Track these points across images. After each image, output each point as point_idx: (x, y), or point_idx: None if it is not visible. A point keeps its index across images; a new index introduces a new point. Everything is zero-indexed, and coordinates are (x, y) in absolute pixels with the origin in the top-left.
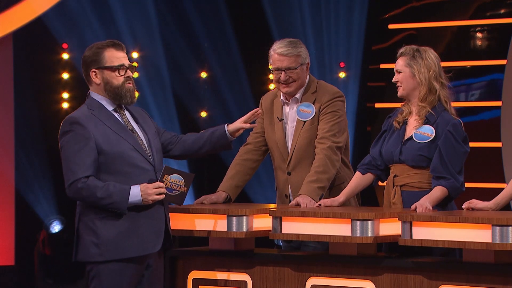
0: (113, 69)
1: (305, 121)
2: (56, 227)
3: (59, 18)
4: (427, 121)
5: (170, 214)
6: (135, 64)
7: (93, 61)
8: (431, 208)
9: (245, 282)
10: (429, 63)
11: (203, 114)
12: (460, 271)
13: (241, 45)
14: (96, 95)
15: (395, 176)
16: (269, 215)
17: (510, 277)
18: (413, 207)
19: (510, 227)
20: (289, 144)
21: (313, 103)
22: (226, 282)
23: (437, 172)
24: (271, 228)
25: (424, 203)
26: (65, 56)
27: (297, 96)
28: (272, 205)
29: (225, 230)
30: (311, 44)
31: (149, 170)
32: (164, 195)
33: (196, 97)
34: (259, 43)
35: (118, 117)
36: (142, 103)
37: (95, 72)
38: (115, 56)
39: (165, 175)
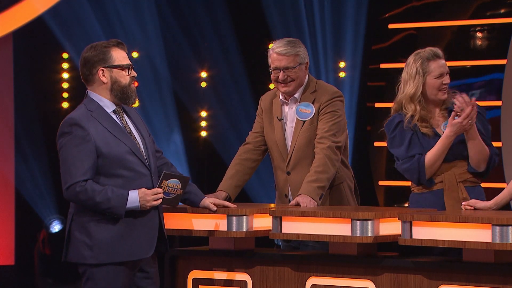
0: (123, 68)
1: (304, 121)
2: (56, 227)
3: (59, 18)
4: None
5: (170, 213)
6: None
7: (101, 59)
8: None
9: (245, 282)
10: None
11: (203, 113)
12: (460, 271)
13: (241, 44)
14: (96, 95)
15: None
16: (269, 214)
17: (510, 277)
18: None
19: (510, 227)
20: (289, 143)
21: (312, 103)
22: (226, 282)
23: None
24: (271, 228)
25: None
26: (65, 55)
27: (296, 95)
28: (272, 205)
29: (225, 230)
30: (313, 43)
31: (146, 175)
32: (161, 200)
33: (196, 96)
34: (259, 43)
35: (116, 119)
36: (142, 103)
37: (102, 70)
38: (122, 56)
39: (164, 181)
